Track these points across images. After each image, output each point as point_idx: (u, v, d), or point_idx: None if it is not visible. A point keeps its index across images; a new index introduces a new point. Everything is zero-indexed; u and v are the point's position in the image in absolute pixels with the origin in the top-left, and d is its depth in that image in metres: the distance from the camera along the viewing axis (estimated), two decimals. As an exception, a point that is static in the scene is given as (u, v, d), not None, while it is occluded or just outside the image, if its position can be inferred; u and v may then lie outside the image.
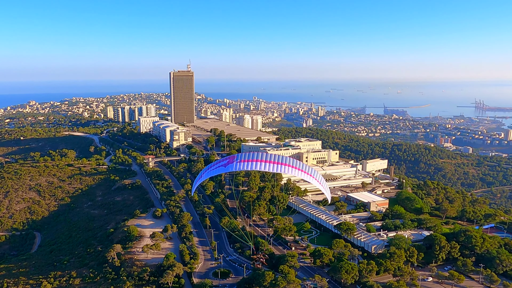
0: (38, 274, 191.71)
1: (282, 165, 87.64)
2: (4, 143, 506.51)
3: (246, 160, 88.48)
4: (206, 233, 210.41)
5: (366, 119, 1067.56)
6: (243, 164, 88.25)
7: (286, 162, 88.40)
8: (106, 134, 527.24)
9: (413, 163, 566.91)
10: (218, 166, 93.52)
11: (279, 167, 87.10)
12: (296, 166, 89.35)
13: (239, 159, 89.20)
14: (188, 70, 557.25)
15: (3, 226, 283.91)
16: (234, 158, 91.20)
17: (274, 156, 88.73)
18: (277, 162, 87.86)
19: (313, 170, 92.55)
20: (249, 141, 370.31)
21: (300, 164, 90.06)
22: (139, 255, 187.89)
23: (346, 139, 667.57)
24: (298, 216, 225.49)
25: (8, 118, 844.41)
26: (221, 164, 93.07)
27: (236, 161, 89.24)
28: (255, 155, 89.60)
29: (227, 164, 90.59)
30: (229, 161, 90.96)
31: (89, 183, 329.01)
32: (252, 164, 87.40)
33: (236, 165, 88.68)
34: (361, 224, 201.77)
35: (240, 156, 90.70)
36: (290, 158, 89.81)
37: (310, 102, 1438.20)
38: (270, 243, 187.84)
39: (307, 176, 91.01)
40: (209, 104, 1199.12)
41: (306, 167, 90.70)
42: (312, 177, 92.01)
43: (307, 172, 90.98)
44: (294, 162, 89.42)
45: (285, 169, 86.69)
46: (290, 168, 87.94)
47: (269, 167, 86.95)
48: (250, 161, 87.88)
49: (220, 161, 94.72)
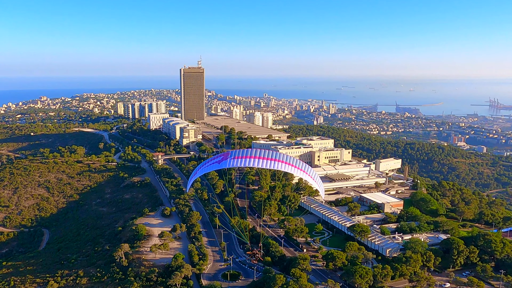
0: (45, 272, 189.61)
1: (276, 161, 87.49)
2: (15, 139, 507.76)
3: (240, 157, 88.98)
4: (216, 233, 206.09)
5: (378, 117, 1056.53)
6: (237, 160, 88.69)
7: (279, 159, 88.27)
8: (116, 131, 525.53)
9: (426, 162, 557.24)
10: (212, 163, 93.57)
11: (272, 163, 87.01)
12: (289, 162, 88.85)
13: (233, 156, 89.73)
14: (198, 67, 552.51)
15: (12, 223, 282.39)
16: (228, 154, 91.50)
17: (268, 153, 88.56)
18: (270, 159, 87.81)
19: (307, 167, 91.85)
20: (259, 139, 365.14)
21: (293, 161, 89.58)
22: (147, 254, 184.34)
23: (357, 138, 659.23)
24: (310, 217, 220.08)
25: (19, 113, 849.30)
26: (215, 160, 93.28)
27: (230, 158, 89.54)
28: (249, 152, 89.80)
29: (221, 160, 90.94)
30: (223, 158, 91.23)
31: (98, 180, 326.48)
32: (245, 160, 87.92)
33: (230, 162, 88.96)
34: (375, 226, 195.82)
35: (234, 153, 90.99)
36: (284, 154, 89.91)
37: (321, 100, 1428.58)
38: (281, 245, 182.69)
39: (301, 173, 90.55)
40: (220, 101, 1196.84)
41: (300, 164, 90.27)
42: (306, 173, 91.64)
43: (301, 168, 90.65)
44: (287, 159, 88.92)
45: (278, 165, 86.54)
46: (283, 164, 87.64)
47: (262, 163, 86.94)
48: (244, 158, 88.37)
49: (215, 158, 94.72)
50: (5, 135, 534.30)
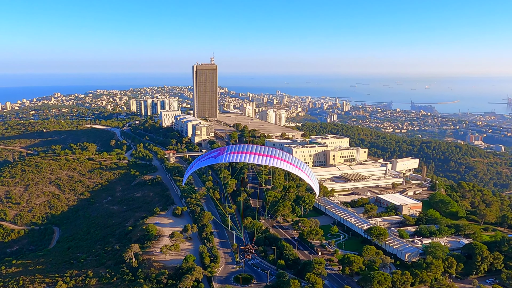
0: (54, 272, 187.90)
1: (271, 157, 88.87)
2: (28, 135, 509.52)
3: (236, 152, 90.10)
4: (228, 234, 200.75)
5: (392, 115, 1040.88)
6: (233, 156, 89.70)
7: (275, 155, 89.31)
8: (128, 128, 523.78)
9: (442, 162, 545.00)
10: (208, 157, 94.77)
11: (268, 159, 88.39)
12: (284, 159, 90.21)
13: (229, 151, 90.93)
14: (211, 63, 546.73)
15: (23, 220, 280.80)
16: (225, 149, 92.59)
17: (264, 149, 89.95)
18: (266, 155, 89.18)
19: (302, 164, 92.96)
20: (273, 137, 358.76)
21: (289, 157, 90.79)
22: (157, 255, 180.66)
23: (372, 136, 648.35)
24: (325, 218, 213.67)
25: (33, 109, 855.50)
26: (211, 155, 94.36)
27: (226, 153, 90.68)
28: (245, 148, 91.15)
29: (217, 155, 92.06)
30: (220, 153, 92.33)
31: (109, 178, 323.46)
32: (241, 156, 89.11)
33: (225, 157, 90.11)
34: (393, 229, 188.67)
35: (230, 148, 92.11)
36: (280, 151, 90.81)
37: (335, 97, 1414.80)
38: (295, 247, 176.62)
39: (296, 170, 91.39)
40: (232, 98, 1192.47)
41: (295, 160, 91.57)
42: (301, 170, 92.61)
43: (296, 165, 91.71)
44: (283, 155, 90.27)
45: (273, 162, 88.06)
46: (278, 160, 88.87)
47: (258, 159, 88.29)
48: (239, 153, 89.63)
49: (211, 152, 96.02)
50: (18, 131, 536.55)
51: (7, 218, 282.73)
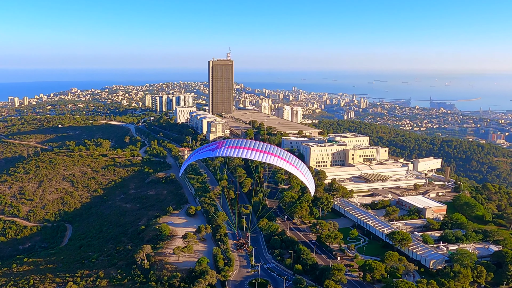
0: (65, 271, 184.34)
1: (268, 154, 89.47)
2: (43, 130, 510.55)
3: (233, 147, 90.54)
4: (242, 236, 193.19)
5: (411, 112, 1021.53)
6: (230, 150, 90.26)
7: (272, 152, 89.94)
8: (143, 124, 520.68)
9: (464, 161, 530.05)
10: (206, 150, 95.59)
11: (264, 156, 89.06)
12: (281, 156, 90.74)
13: (227, 145, 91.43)
14: (227, 59, 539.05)
15: (35, 217, 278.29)
16: (223, 143, 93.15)
17: (262, 145, 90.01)
18: (263, 151, 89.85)
19: (298, 162, 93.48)
20: (290, 135, 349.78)
21: (286, 155, 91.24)
22: (170, 257, 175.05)
23: (391, 134, 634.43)
24: (344, 220, 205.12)
25: (50, 104, 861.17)
26: (209, 148, 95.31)
27: (224, 147, 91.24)
28: (243, 143, 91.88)
29: (215, 149, 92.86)
30: (218, 146, 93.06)
31: (122, 175, 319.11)
32: (239, 151, 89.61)
33: (223, 151, 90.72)
34: (416, 234, 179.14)
35: (229, 142, 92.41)
36: (277, 148, 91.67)
37: (352, 94, 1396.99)
38: (313, 251, 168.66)
39: (292, 168, 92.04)
40: (248, 94, 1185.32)
41: (292, 158, 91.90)
42: (296, 169, 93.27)
43: (292, 163, 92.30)
44: (280, 152, 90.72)
45: (270, 159, 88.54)
46: (275, 157, 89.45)
47: (254, 155, 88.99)
48: (237, 148, 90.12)
49: (210, 145, 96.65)
50: (34, 126, 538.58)
51: (20, 214, 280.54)
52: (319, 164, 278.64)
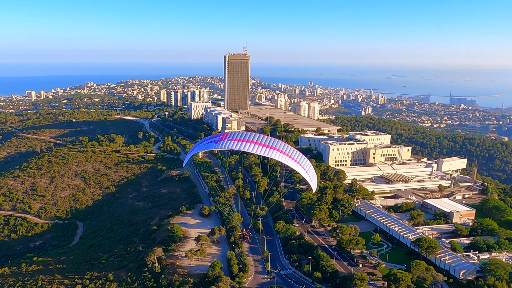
0: (74, 272, 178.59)
1: (271, 148, 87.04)
2: (57, 125, 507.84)
3: (237, 139, 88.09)
4: (258, 239, 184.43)
5: (430, 108, 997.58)
6: (234, 143, 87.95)
7: (276, 146, 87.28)
8: (157, 119, 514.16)
9: (486, 160, 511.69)
10: (210, 142, 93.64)
11: (267, 150, 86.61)
12: (283, 151, 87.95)
13: (231, 138, 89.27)
14: (244, 53, 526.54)
15: (47, 214, 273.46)
16: (227, 135, 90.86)
17: (266, 139, 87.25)
18: (266, 145, 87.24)
19: (301, 157, 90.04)
20: (307, 132, 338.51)
21: (290, 150, 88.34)
22: (182, 260, 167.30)
23: (411, 131, 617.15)
24: (365, 224, 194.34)
25: (65, 98, 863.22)
26: (213, 140, 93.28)
27: (228, 139, 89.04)
28: (246, 135, 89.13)
29: (219, 141, 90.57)
30: (221, 138, 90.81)
31: (135, 172, 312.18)
32: (242, 144, 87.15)
33: (226, 143, 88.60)
34: (444, 240, 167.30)
35: (232, 135, 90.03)
36: (280, 142, 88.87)
37: (369, 89, 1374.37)
38: (333, 257, 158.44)
39: (294, 164, 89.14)
40: (263, 89, 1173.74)
41: (294, 153, 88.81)
42: (299, 165, 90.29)
43: (296, 159, 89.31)
44: (284, 147, 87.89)
45: (273, 153, 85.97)
46: (278, 152, 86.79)
47: (257, 149, 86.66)
48: (240, 141, 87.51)
49: (213, 137, 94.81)
50: (49, 120, 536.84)
51: (32, 211, 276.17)
52: (339, 163, 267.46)
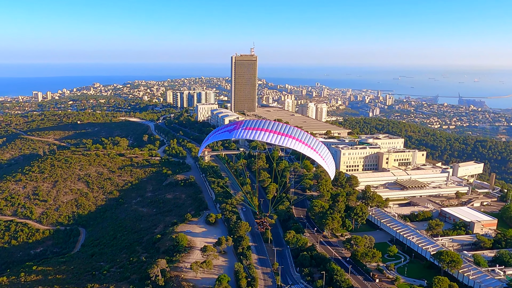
0: (74, 283, 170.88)
1: (287, 136, 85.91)
2: (62, 127, 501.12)
3: (251, 128, 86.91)
4: (267, 249, 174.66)
5: (439, 109, 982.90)
6: (248, 132, 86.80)
7: (291, 134, 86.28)
8: (162, 121, 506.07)
9: (499, 163, 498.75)
10: (224, 131, 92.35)
11: (282, 139, 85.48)
12: (301, 139, 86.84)
13: (245, 126, 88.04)
14: (251, 54, 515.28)
15: (49, 219, 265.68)
16: (241, 124, 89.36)
17: (282, 126, 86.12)
18: (282, 133, 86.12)
19: (319, 144, 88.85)
20: (317, 135, 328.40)
21: (306, 137, 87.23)
22: (187, 273, 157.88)
23: (420, 133, 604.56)
24: (380, 234, 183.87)
25: (71, 99, 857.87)
26: (227, 129, 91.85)
27: (242, 128, 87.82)
28: (261, 124, 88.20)
29: (233, 130, 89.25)
30: (235, 127, 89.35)
31: (139, 176, 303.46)
32: (256, 132, 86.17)
33: (240, 132, 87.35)
34: (466, 253, 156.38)
35: (247, 123, 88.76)
36: (297, 129, 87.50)
37: (377, 90, 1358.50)
38: (347, 271, 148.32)
39: (311, 152, 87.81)
40: (270, 90, 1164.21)
41: (312, 141, 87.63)
42: (316, 152, 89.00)
43: (312, 147, 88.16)
44: (300, 135, 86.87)
45: (288, 142, 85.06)
46: (293, 141, 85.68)
47: (272, 138, 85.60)
48: (255, 130, 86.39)
49: (227, 126, 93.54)
50: (53, 122, 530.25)
51: (33, 216, 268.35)
52: (350, 168, 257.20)
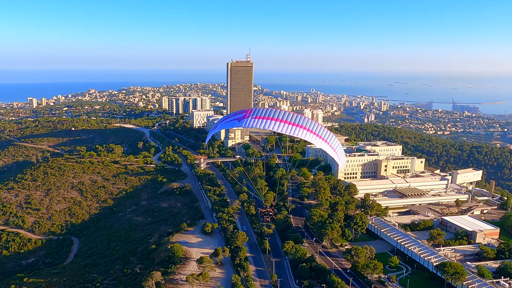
0: None
1: (296, 126, 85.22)
2: (56, 133, 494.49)
3: (261, 117, 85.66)
4: (265, 260, 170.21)
5: (434, 115, 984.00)
6: (258, 121, 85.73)
7: (301, 124, 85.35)
8: (158, 128, 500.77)
9: (494, 168, 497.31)
10: (233, 119, 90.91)
11: (292, 128, 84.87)
12: (311, 129, 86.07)
13: (254, 115, 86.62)
14: (247, 61, 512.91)
15: (41, 229, 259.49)
16: (251, 112, 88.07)
17: (291, 116, 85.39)
18: (291, 123, 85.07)
19: (329, 135, 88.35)
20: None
21: (316, 127, 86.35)
22: (182, 285, 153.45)
23: (416, 139, 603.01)
24: (380, 244, 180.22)
25: (66, 106, 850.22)
26: (236, 117, 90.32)
27: (252, 117, 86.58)
28: (271, 112, 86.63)
29: (242, 118, 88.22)
30: (245, 115, 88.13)
31: (134, 184, 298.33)
32: (265, 122, 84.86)
33: (250, 121, 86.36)
34: (469, 264, 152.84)
35: (256, 112, 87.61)
36: (307, 119, 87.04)
37: (371, 96, 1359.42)
38: (348, 283, 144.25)
39: (321, 142, 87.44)
40: (265, 96, 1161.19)
41: (322, 131, 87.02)
42: (326, 143, 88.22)
43: (322, 137, 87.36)
44: (310, 124, 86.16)
45: (297, 131, 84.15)
46: (303, 130, 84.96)
47: (282, 127, 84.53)
48: (265, 119, 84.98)
49: (236, 114, 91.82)
50: (47, 129, 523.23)
51: (25, 225, 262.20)
52: (348, 176, 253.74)
